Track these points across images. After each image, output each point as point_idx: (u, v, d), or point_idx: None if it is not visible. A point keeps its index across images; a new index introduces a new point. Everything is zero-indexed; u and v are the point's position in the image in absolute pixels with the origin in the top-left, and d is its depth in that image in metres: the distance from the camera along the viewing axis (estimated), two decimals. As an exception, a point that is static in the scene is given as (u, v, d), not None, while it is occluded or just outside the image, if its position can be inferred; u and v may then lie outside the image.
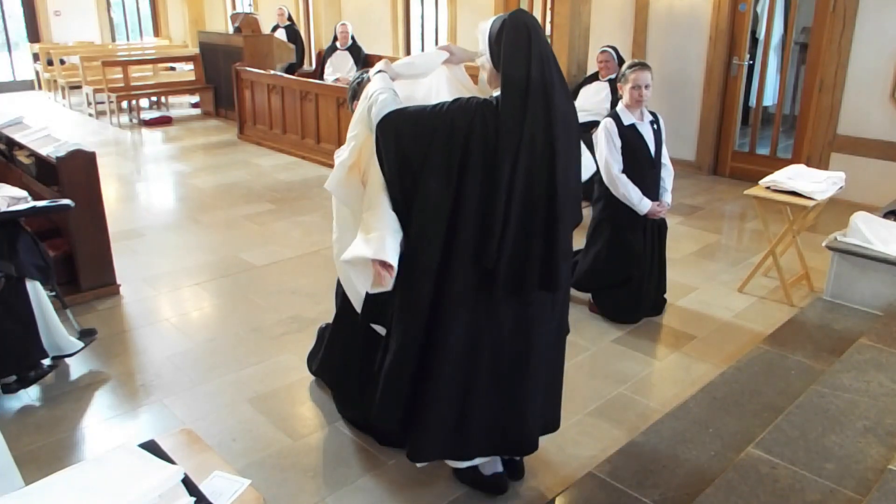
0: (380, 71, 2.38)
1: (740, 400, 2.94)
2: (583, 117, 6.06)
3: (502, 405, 2.37)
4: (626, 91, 3.71)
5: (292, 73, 8.92)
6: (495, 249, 2.13)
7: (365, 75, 2.56)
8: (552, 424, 2.62)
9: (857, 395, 2.63)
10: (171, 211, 6.06)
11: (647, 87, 3.65)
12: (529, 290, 2.21)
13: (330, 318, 3.16)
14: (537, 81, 2.05)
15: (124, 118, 9.63)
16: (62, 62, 10.92)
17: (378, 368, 2.41)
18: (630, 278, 3.84)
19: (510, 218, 2.11)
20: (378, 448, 2.82)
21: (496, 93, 2.16)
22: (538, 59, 2.06)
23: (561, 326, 2.49)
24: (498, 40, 2.12)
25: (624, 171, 3.73)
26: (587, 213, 4.96)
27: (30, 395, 3.21)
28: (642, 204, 3.73)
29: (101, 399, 3.19)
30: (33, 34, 12.44)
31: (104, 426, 3.00)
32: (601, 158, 3.77)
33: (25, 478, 2.29)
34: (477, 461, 2.52)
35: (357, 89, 2.60)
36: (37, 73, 12.14)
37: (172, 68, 10.76)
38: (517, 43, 2.07)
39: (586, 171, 2.53)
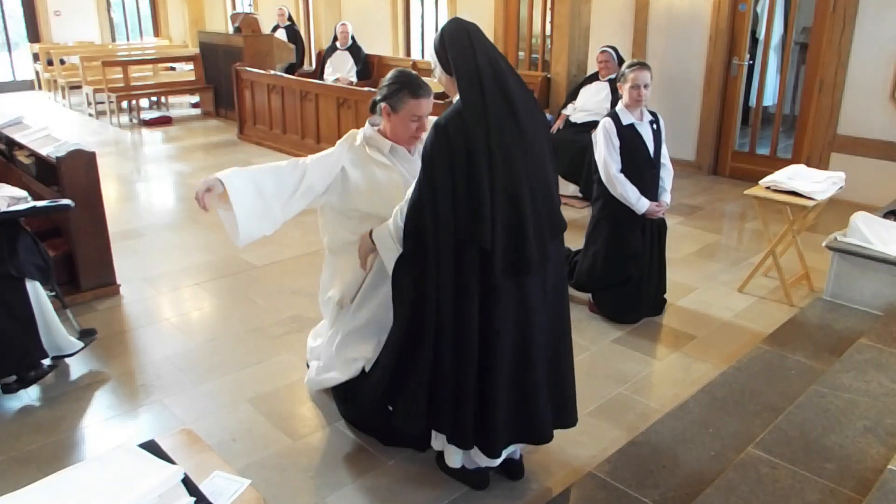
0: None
1: (740, 400, 2.94)
2: (583, 117, 6.09)
3: (516, 393, 2.38)
4: (625, 91, 3.71)
5: (292, 73, 8.92)
6: (489, 231, 2.16)
7: (405, 86, 2.53)
8: (562, 419, 2.54)
9: (857, 395, 2.63)
10: (171, 211, 6.06)
11: (646, 86, 3.65)
12: (529, 268, 2.23)
13: (330, 318, 3.17)
14: (485, 67, 2.16)
15: (124, 118, 9.63)
16: (62, 62, 10.93)
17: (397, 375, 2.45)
18: (629, 278, 3.84)
19: (497, 198, 2.15)
20: (378, 448, 2.81)
21: (456, 97, 2.25)
22: (482, 52, 2.18)
23: (560, 320, 2.47)
24: (442, 47, 2.24)
25: (623, 171, 3.73)
26: (587, 212, 4.97)
27: (30, 395, 3.21)
28: (640, 203, 3.73)
29: (101, 399, 3.19)
30: (33, 34, 12.45)
31: (104, 426, 3.00)
32: (600, 158, 3.78)
33: (26, 478, 2.29)
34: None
35: (393, 95, 2.55)
36: (37, 73, 12.15)
37: (172, 68, 10.78)
38: (458, 42, 2.20)
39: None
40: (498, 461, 2.52)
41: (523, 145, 2.19)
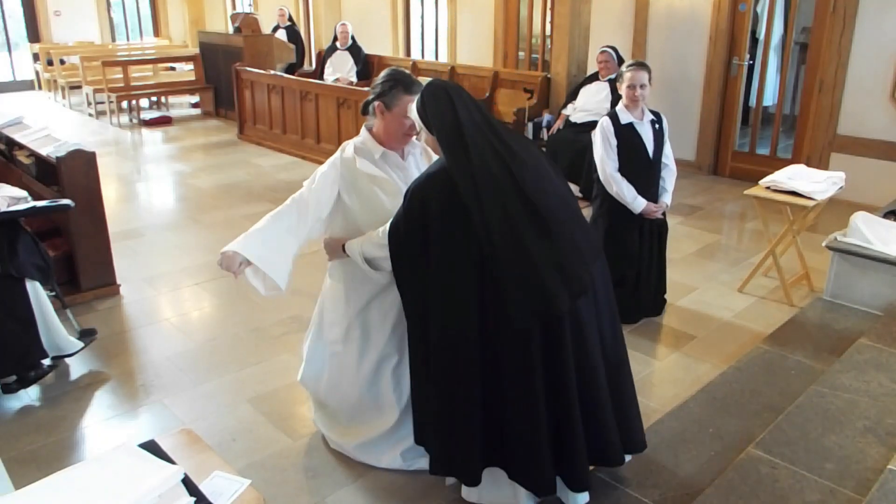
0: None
1: (740, 400, 2.94)
2: (583, 117, 6.09)
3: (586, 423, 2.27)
4: (623, 90, 3.71)
5: (292, 73, 8.92)
6: (508, 285, 2.09)
7: (399, 83, 2.49)
8: (631, 444, 2.44)
9: (857, 395, 2.63)
10: (171, 211, 6.06)
11: (642, 86, 3.64)
12: (562, 307, 2.10)
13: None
14: (467, 119, 2.16)
15: (124, 118, 9.63)
16: (62, 62, 10.93)
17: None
18: (623, 278, 3.84)
19: (501, 249, 2.08)
20: (378, 448, 2.81)
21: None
22: (463, 107, 2.17)
23: (616, 341, 2.39)
24: (423, 108, 2.24)
25: (620, 170, 3.73)
26: (587, 212, 4.97)
27: (30, 395, 3.21)
28: (636, 203, 3.73)
29: (101, 399, 3.19)
30: (33, 34, 12.44)
31: (104, 426, 3.00)
32: (597, 157, 3.78)
33: (25, 478, 2.29)
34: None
35: (388, 92, 2.49)
36: (37, 73, 12.14)
37: (172, 68, 10.77)
38: (437, 101, 2.20)
39: None
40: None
41: (519, 178, 2.11)
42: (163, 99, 10.39)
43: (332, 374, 2.76)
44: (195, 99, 10.47)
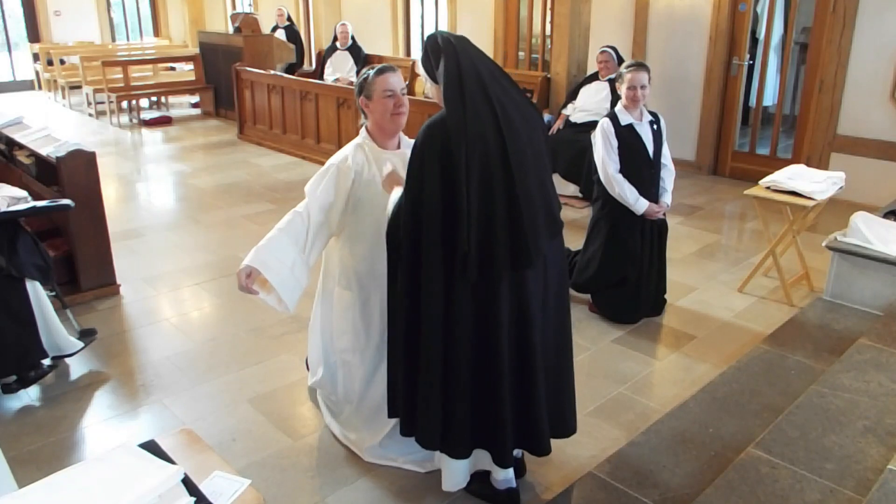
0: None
1: (740, 400, 2.94)
2: (583, 117, 6.09)
3: (515, 399, 2.33)
4: (622, 91, 3.71)
5: (292, 73, 8.92)
6: (466, 234, 2.13)
7: (370, 72, 2.60)
8: (562, 428, 2.51)
9: (857, 395, 2.63)
10: (171, 211, 6.06)
11: (642, 87, 3.64)
12: (500, 268, 2.17)
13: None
14: (469, 71, 2.13)
15: (124, 118, 9.63)
16: (62, 62, 10.93)
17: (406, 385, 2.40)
18: (625, 279, 3.84)
19: (472, 201, 2.12)
20: (378, 448, 2.81)
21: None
22: (466, 59, 2.16)
23: (560, 326, 2.43)
24: (427, 58, 2.25)
25: (621, 171, 3.73)
26: (587, 212, 4.97)
27: (30, 395, 3.21)
28: (638, 204, 3.73)
29: (101, 399, 3.19)
30: (33, 34, 12.45)
31: (104, 426, 3.00)
32: (598, 158, 3.78)
33: (25, 478, 2.29)
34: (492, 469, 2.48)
35: (364, 84, 2.61)
36: (37, 73, 12.15)
37: (172, 68, 10.77)
38: (441, 51, 2.19)
39: None
40: (511, 472, 2.46)
41: (506, 149, 2.12)
42: (163, 99, 10.39)
43: (345, 382, 2.82)
44: (195, 99, 10.47)
